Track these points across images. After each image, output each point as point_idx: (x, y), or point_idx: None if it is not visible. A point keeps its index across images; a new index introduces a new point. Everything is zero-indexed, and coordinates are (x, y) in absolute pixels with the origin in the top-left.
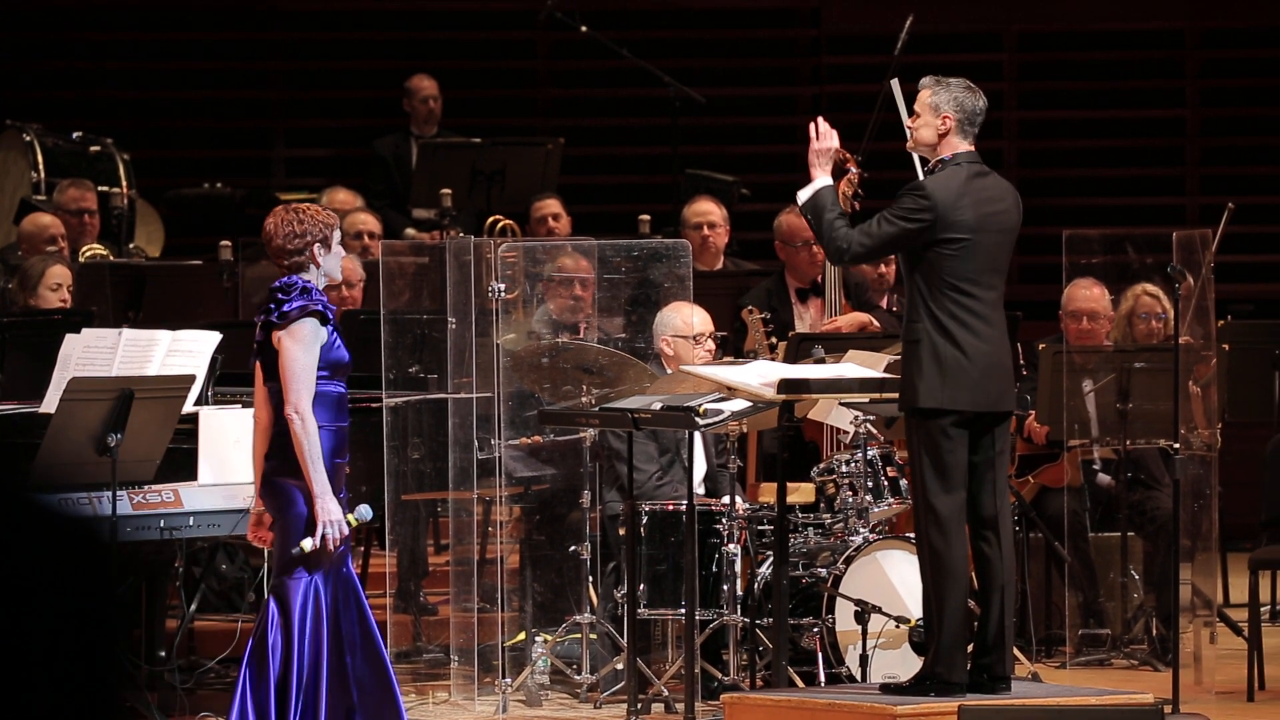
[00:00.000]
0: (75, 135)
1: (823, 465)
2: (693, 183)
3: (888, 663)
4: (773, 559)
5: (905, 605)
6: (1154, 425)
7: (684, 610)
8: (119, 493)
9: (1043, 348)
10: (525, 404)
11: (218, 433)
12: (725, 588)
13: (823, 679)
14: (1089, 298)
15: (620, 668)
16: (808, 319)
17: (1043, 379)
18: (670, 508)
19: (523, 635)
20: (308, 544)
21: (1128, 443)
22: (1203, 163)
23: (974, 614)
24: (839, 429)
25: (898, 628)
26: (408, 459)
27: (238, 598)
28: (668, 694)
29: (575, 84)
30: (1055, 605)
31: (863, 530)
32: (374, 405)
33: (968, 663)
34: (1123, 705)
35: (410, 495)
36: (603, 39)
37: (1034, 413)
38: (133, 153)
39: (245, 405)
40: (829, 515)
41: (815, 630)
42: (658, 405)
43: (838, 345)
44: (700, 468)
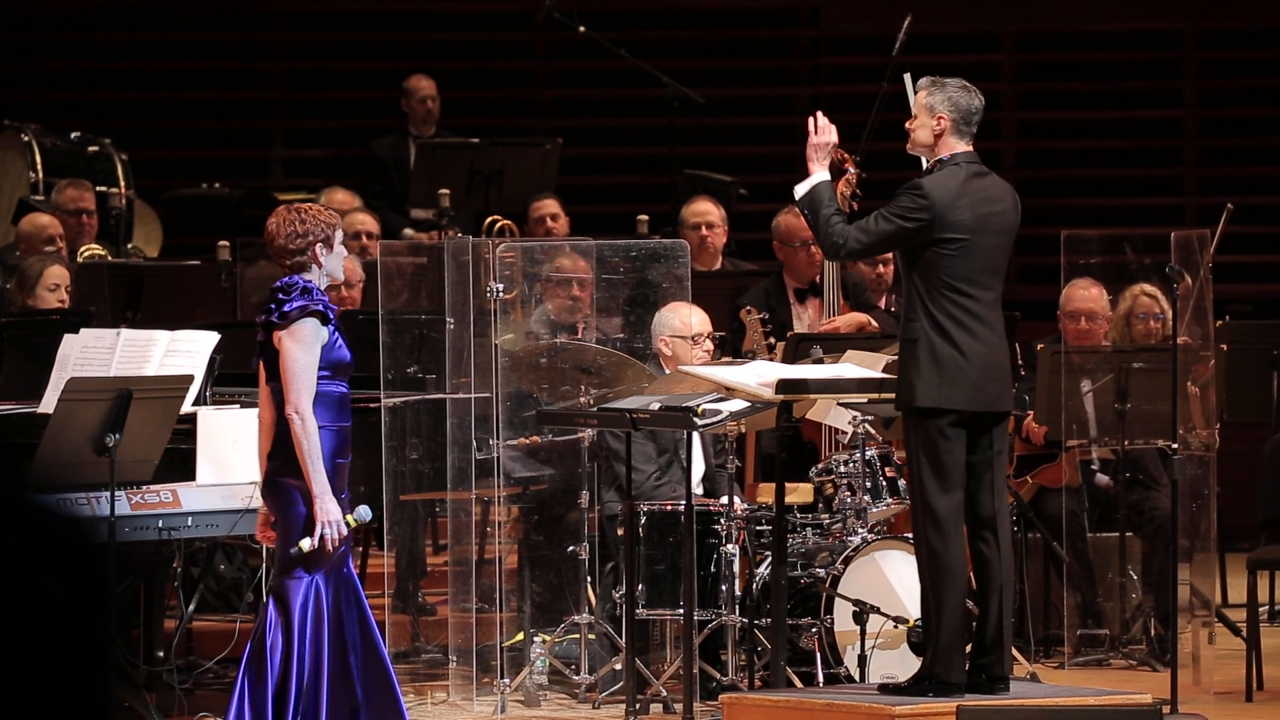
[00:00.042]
0: (73, 135)
1: (821, 465)
2: (691, 183)
3: (886, 663)
4: (771, 559)
5: (903, 605)
6: (1152, 425)
7: (682, 610)
8: (117, 493)
9: (1041, 348)
10: (523, 404)
11: (216, 433)
12: (724, 588)
13: (821, 679)
14: (1087, 298)
15: (619, 668)
16: (806, 319)
17: (1041, 379)
18: (669, 508)
19: (521, 635)
20: (306, 544)
21: (1126, 443)
22: (1201, 163)
23: (972, 614)
24: (837, 429)
25: (896, 628)
26: (406, 459)
27: (236, 598)
28: (666, 694)
29: (573, 84)
30: (1054, 605)
31: (861, 530)
32: (372, 405)
33: (966, 663)
34: (1121, 705)
35: (408, 495)
36: (601, 39)
37: (1032, 413)
38: (131, 153)
39: (244, 405)
40: (827, 515)
41: (814, 630)
42: (656, 405)
43: (836, 345)
44: (698, 468)
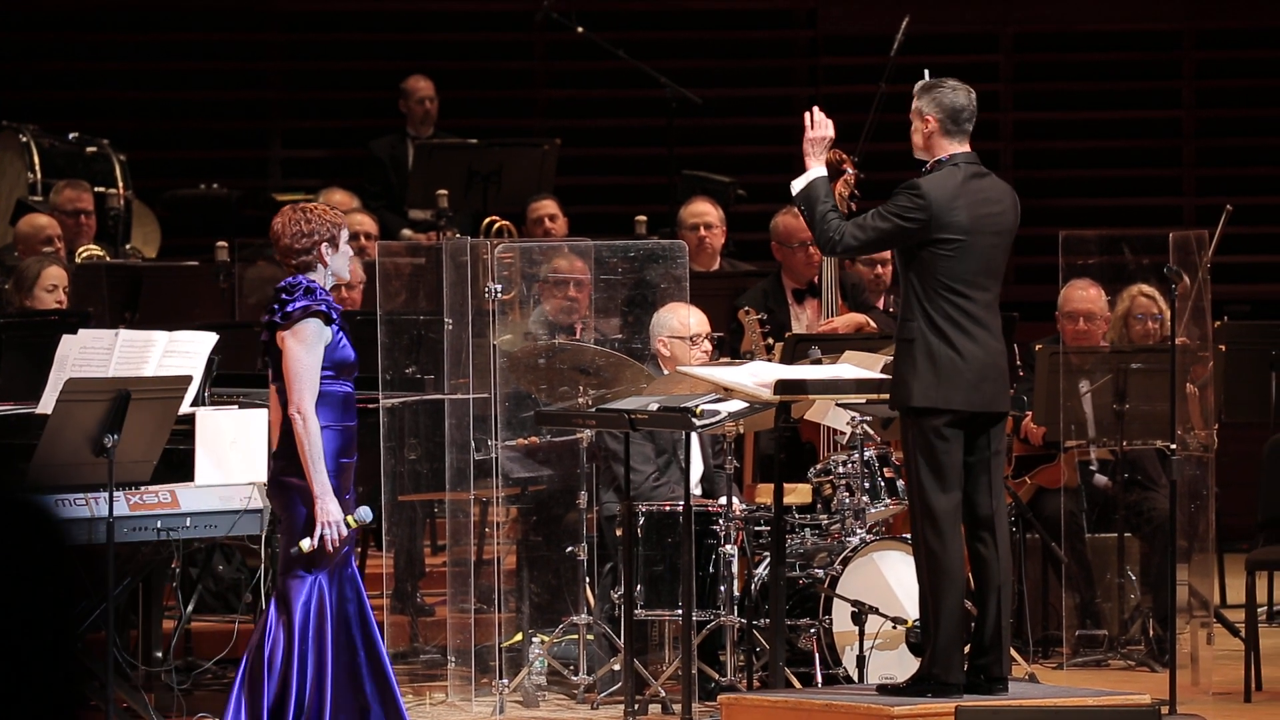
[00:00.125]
0: (72, 136)
1: (819, 466)
2: (689, 183)
3: (885, 663)
4: (769, 560)
5: (902, 606)
6: (1151, 426)
7: (681, 611)
8: (116, 493)
9: (1039, 349)
10: (522, 405)
11: (214, 433)
12: (722, 588)
13: (820, 680)
14: (1085, 299)
15: (617, 668)
16: (804, 320)
17: (1039, 380)
18: (667, 508)
19: (520, 636)
20: (306, 544)
21: (1124, 443)
22: (1199, 164)
23: (970, 615)
24: (836, 430)
25: (895, 629)
26: (404, 460)
27: (235, 598)
28: (665, 695)
29: (572, 85)
30: (1052, 606)
31: (859, 531)
32: (371, 406)
33: (964, 664)
34: (1119, 706)
35: (407, 496)
36: (599, 40)
37: (1031, 414)
38: (129, 153)
39: (242, 406)
40: (826, 516)
41: (812, 631)
42: (654, 406)
43: (834, 346)
44: (697, 468)
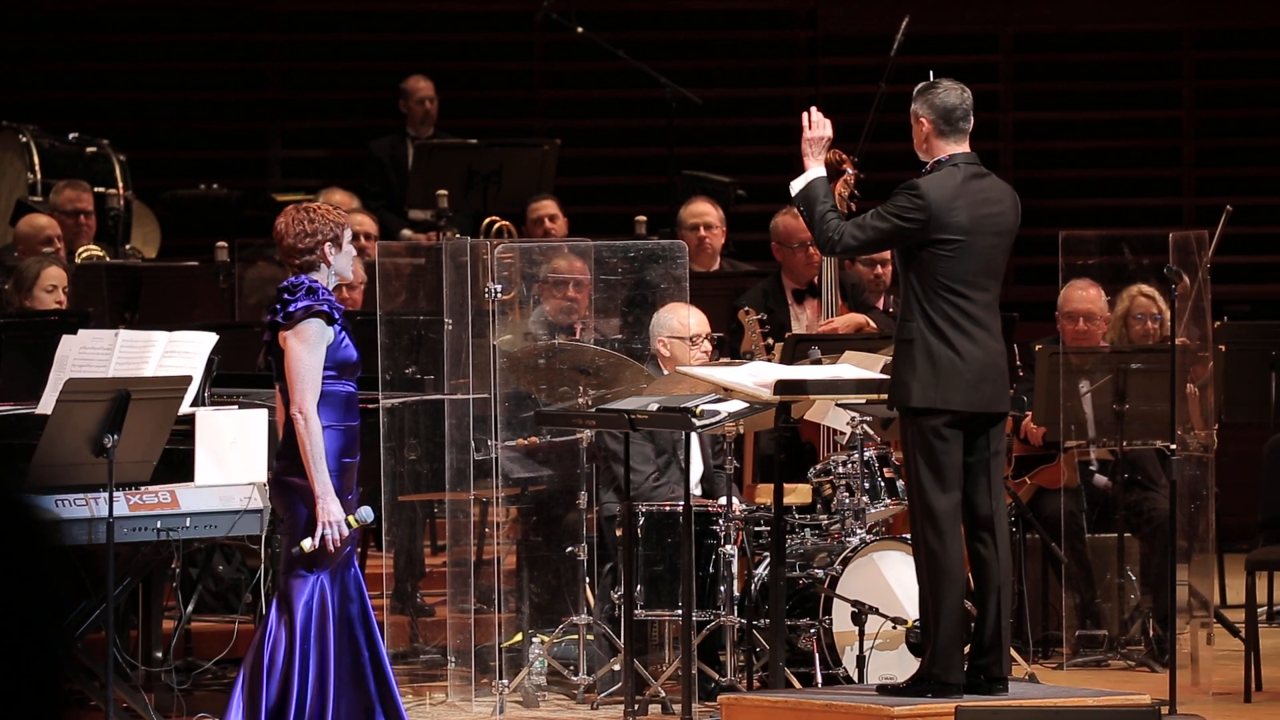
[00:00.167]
0: (71, 136)
1: (819, 466)
2: (689, 184)
3: (884, 664)
4: (769, 560)
5: (902, 606)
6: (1151, 426)
7: (681, 611)
8: (115, 494)
9: (1039, 349)
10: (522, 405)
11: (214, 434)
12: (722, 589)
13: (820, 680)
14: (1085, 299)
15: (617, 669)
16: (804, 320)
17: (1039, 380)
18: (667, 509)
19: (520, 636)
20: (307, 544)
21: (1124, 444)
22: (1199, 164)
23: (970, 615)
24: (835, 430)
25: (894, 629)
26: (404, 460)
27: (234, 599)
28: (665, 695)
29: (571, 85)
30: (1052, 606)
31: (859, 531)
32: (370, 406)
33: (964, 664)
34: (1119, 706)
35: (407, 496)
36: (599, 40)
37: (1031, 414)
38: (129, 154)
39: (242, 406)
40: (826, 516)
41: (812, 631)
42: (654, 406)
43: (834, 346)
44: (697, 469)
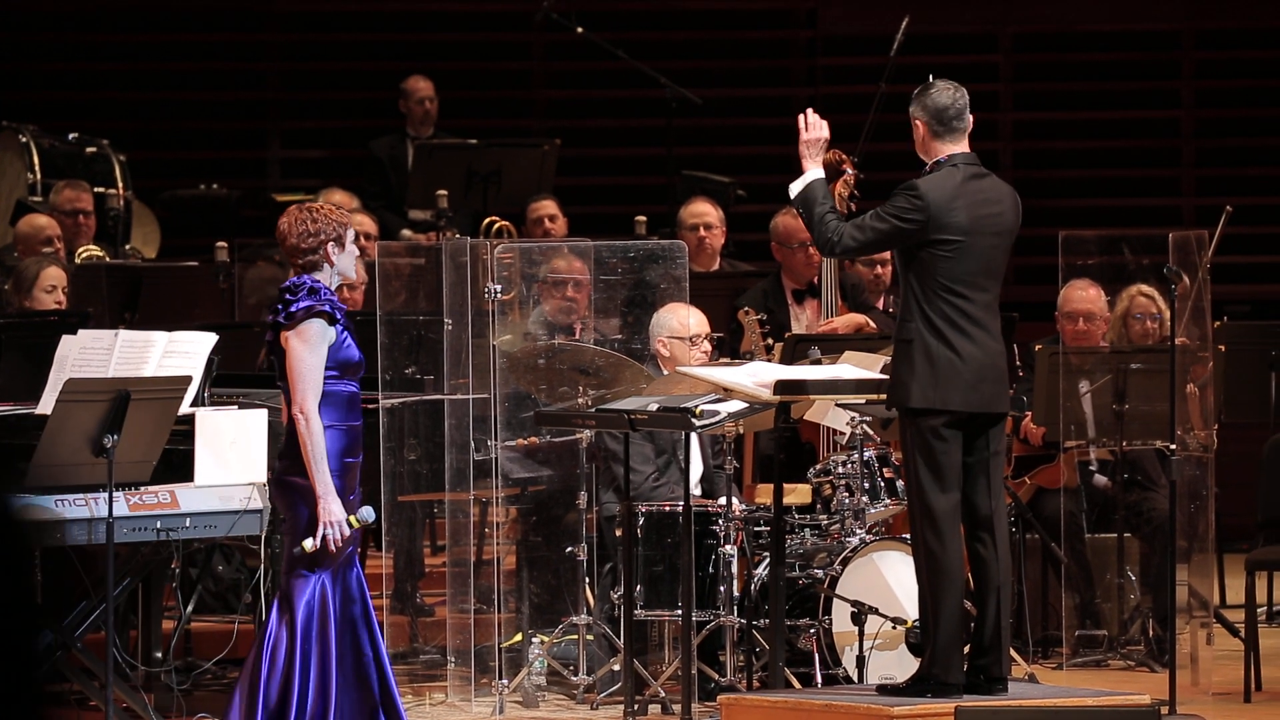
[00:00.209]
0: (71, 136)
1: (819, 466)
2: (689, 184)
3: (884, 664)
4: (769, 560)
5: (902, 606)
6: (1150, 426)
7: (680, 611)
8: (115, 494)
9: (1039, 349)
10: (521, 405)
11: (214, 434)
12: (722, 589)
13: (819, 680)
14: (1085, 299)
15: (617, 669)
16: (804, 320)
17: (1039, 380)
18: (667, 509)
19: (519, 636)
20: (308, 544)
21: (1124, 444)
22: (1198, 164)
23: (970, 615)
24: (835, 430)
25: (894, 629)
26: (404, 460)
27: (234, 599)
28: (664, 695)
29: (571, 85)
30: (1052, 606)
31: (859, 531)
32: (370, 406)
33: (964, 664)
34: (1119, 706)
35: (407, 496)
36: (599, 40)
37: (1030, 414)
38: (129, 154)
39: (242, 406)
40: (825, 516)
41: (812, 631)
42: (654, 406)
43: (834, 346)
44: (696, 469)
